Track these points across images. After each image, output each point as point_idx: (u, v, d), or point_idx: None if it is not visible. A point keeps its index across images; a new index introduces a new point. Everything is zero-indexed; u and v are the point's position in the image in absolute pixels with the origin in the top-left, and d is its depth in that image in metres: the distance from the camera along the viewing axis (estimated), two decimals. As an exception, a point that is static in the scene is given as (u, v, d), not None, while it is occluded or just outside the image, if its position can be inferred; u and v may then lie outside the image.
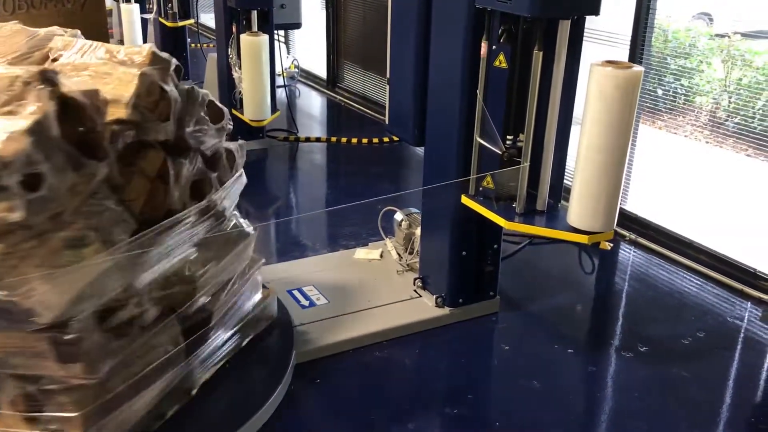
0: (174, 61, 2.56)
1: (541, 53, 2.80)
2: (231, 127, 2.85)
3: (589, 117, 2.69)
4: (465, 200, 3.18)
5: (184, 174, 2.54)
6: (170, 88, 2.46)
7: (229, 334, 2.88)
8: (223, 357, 2.86)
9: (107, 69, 2.40)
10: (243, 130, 5.82)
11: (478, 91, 3.01)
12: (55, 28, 2.80)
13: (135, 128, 2.34)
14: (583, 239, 2.85)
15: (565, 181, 3.09)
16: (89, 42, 2.63)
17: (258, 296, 3.08)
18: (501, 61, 2.92)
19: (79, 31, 2.81)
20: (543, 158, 2.96)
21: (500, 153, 2.99)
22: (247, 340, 3.02)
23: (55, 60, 2.55)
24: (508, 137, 3.01)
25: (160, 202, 2.44)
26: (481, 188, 3.14)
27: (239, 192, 2.90)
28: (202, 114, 2.66)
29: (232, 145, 2.90)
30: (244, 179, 2.93)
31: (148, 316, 2.40)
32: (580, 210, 2.82)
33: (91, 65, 2.45)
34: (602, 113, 2.65)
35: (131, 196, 2.34)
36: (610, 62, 2.66)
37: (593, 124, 2.69)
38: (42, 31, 2.74)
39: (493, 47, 2.92)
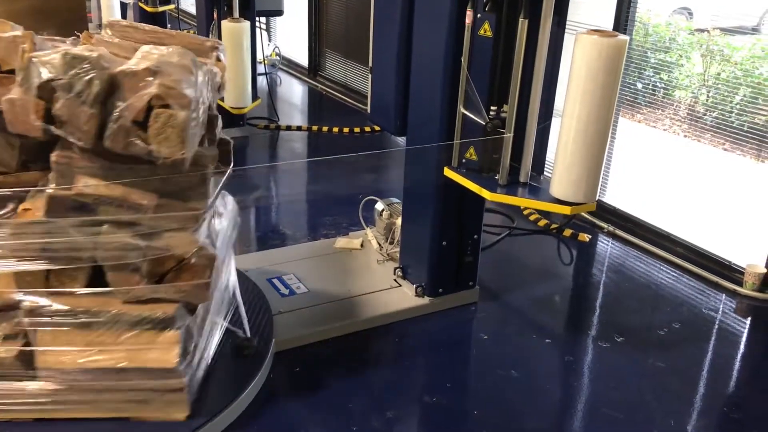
0: None
1: (526, 21, 2.77)
2: None
3: (573, 86, 2.67)
4: (448, 172, 3.14)
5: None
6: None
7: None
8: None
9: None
10: (223, 118, 5.75)
11: (462, 59, 2.96)
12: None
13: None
14: (565, 210, 2.84)
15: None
16: None
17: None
18: (486, 30, 2.89)
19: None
20: (527, 129, 2.93)
21: (484, 124, 2.97)
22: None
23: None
24: (492, 108, 2.98)
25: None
26: (464, 160, 3.12)
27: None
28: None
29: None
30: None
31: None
32: (563, 181, 2.80)
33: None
34: (586, 82, 2.62)
35: None
36: (595, 31, 2.65)
37: (577, 93, 2.66)
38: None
39: (478, 15, 2.89)
